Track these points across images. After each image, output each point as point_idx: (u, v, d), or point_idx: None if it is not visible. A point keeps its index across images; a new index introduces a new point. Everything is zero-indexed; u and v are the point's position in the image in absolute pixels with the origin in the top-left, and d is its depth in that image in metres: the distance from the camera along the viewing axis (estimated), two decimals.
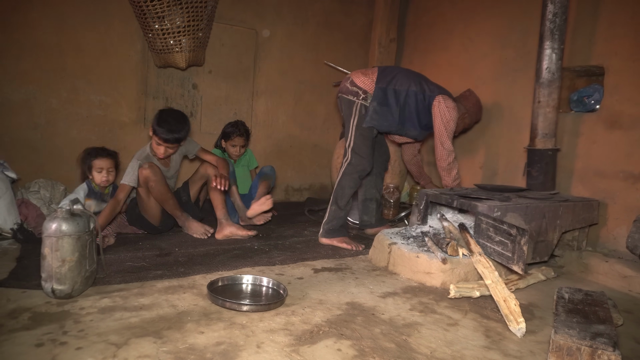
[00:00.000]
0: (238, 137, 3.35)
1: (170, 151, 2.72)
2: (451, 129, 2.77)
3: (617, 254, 2.58)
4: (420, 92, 2.77)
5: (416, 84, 2.78)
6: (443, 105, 2.73)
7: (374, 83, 2.76)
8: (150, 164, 2.62)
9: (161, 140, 2.63)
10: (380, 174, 3.17)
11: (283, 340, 1.48)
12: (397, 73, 2.83)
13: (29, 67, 3.28)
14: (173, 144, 2.68)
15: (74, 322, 1.52)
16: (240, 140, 3.36)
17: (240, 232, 2.78)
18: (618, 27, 2.70)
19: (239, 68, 4.13)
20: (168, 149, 2.69)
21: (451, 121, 2.75)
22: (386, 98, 2.75)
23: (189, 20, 3.27)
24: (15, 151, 3.24)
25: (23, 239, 2.45)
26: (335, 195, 2.80)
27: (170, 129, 2.61)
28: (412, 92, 2.76)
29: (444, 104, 2.74)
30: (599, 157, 2.76)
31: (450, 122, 2.75)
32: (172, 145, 2.68)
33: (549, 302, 2.02)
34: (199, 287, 1.93)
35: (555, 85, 2.72)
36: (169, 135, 2.61)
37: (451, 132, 2.77)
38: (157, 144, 2.66)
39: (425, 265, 2.19)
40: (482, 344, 1.58)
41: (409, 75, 2.84)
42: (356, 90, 2.77)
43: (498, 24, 3.55)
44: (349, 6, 4.57)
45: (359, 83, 2.78)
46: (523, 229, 1.92)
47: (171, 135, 2.62)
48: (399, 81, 2.78)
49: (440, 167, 2.84)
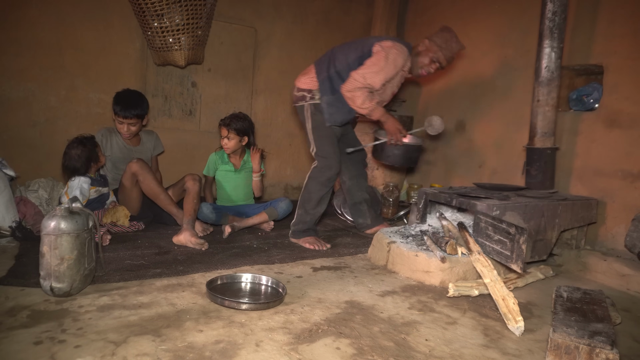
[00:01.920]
0: (222, 127, 3.08)
1: (132, 129, 2.93)
2: (384, 66, 2.53)
3: (616, 253, 2.58)
4: (360, 55, 2.59)
5: (354, 50, 2.62)
6: (379, 46, 2.55)
7: (315, 78, 2.67)
8: (139, 159, 2.71)
9: (121, 117, 2.84)
10: (362, 174, 3.08)
11: (282, 339, 1.48)
12: (332, 54, 2.69)
13: (28, 64, 3.27)
14: (132, 119, 2.88)
15: (72, 320, 1.52)
16: (223, 131, 3.06)
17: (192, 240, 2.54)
18: (617, 26, 2.70)
19: (238, 66, 4.12)
20: (130, 126, 2.91)
21: (387, 60, 2.53)
22: (332, 85, 2.63)
23: (188, 18, 3.27)
24: (14, 149, 3.23)
25: (21, 236, 2.45)
26: (302, 199, 2.76)
27: (127, 105, 2.84)
28: (353, 60, 2.59)
29: (379, 44, 2.56)
30: (598, 156, 2.77)
31: (385, 60, 2.53)
32: (132, 121, 2.89)
33: (547, 300, 2.02)
34: (198, 286, 1.93)
35: (554, 84, 2.72)
36: (126, 112, 2.84)
37: (382, 69, 2.53)
38: (120, 123, 2.88)
39: (424, 264, 2.19)
40: (480, 343, 1.58)
41: (344, 48, 2.69)
42: (302, 94, 2.70)
43: (497, 22, 3.55)
44: (348, 4, 4.57)
45: (302, 85, 2.71)
46: (522, 228, 1.93)
47: (128, 111, 2.84)
48: (337, 59, 2.64)
49: (342, 89, 2.59)
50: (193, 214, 2.65)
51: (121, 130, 2.93)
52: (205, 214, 2.96)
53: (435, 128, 2.88)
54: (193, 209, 2.66)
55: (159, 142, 3.27)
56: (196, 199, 2.71)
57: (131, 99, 2.89)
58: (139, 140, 3.11)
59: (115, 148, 3.00)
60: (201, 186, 2.86)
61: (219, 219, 2.99)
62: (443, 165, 4.09)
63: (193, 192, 2.72)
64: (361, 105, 2.58)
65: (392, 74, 2.60)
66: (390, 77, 2.62)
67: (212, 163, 3.21)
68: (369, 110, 2.60)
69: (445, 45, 2.63)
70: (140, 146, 3.11)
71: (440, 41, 2.63)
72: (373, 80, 2.53)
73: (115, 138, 3.01)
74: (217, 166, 3.19)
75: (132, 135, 2.99)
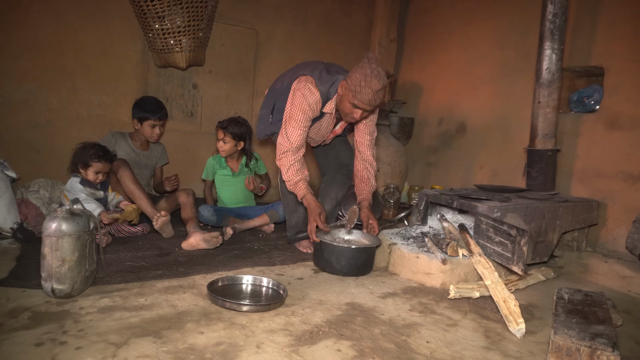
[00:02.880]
0: (219, 130, 3.05)
1: (162, 130, 3.08)
2: (294, 115, 2.28)
3: (617, 255, 2.58)
4: (287, 84, 2.42)
5: (294, 73, 2.44)
6: (293, 87, 2.34)
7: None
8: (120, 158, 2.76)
9: (156, 120, 2.94)
10: (337, 182, 2.75)
11: (283, 341, 1.48)
12: (289, 71, 2.55)
13: (29, 66, 3.28)
14: (162, 120, 3.03)
15: (73, 321, 1.52)
16: (220, 134, 3.02)
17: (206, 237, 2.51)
18: (618, 28, 2.70)
19: (239, 68, 4.12)
20: (161, 127, 3.04)
21: (294, 106, 2.29)
22: (265, 101, 2.62)
23: (189, 20, 3.27)
24: (15, 150, 3.24)
25: (23, 238, 2.45)
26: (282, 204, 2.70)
27: (157, 107, 2.98)
28: (287, 85, 2.43)
29: (297, 84, 2.32)
30: (599, 157, 2.76)
31: (292, 107, 2.29)
32: (162, 122, 3.03)
33: (548, 302, 2.02)
34: (199, 287, 1.93)
35: (555, 85, 2.72)
36: (159, 112, 2.96)
37: (295, 119, 2.29)
38: (152, 127, 2.96)
39: (425, 266, 2.19)
40: (481, 345, 1.58)
41: (298, 68, 2.47)
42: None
43: (498, 24, 3.56)
44: (349, 6, 4.57)
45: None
46: (523, 230, 1.93)
47: (161, 112, 2.98)
48: (282, 79, 2.52)
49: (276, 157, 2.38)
50: (195, 219, 2.68)
51: (153, 134, 3.04)
52: (206, 216, 2.96)
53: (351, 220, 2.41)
54: (193, 215, 2.70)
55: (164, 154, 3.34)
56: (193, 208, 2.74)
57: (156, 101, 3.06)
58: (148, 146, 3.18)
59: (123, 152, 2.99)
60: (195, 198, 2.86)
61: (220, 221, 3.00)
62: (444, 166, 4.09)
63: (189, 203, 2.75)
64: (285, 175, 2.33)
65: (303, 120, 2.29)
66: (307, 122, 2.31)
67: (210, 167, 3.22)
68: (290, 185, 2.33)
69: (360, 88, 2.12)
70: (148, 152, 3.17)
71: (353, 84, 2.14)
72: (294, 136, 2.28)
73: (123, 142, 3.04)
74: (215, 170, 3.19)
75: (159, 138, 3.12)
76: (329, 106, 2.38)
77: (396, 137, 4.19)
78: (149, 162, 3.14)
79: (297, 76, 2.37)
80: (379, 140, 3.86)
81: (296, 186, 2.33)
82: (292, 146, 2.29)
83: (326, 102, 2.37)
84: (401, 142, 4.27)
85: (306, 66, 2.44)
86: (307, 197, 2.31)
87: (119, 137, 3.05)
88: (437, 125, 4.18)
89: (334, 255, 2.21)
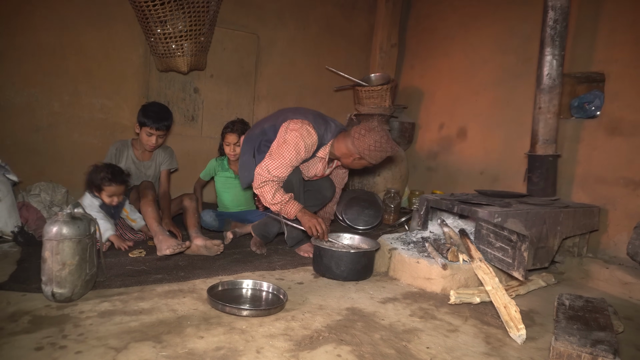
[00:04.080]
0: (230, 134, 3.01)
1: (160, 140, 2.90)
2: (285, 153, 2.27)
3: (618, 261, 2.57)
4: (272, 124, 2.43)
5: (274, 119, 2.46)
6: (285, 127, 2.34)
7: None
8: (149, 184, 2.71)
9: (153, 129, 2.81)
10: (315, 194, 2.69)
11: (283, 346, 1.48)
12: (269, 117, 2.57)
13: (31, 70, 3.29)
14: (162, 132, 2.87)
15: (73, 325, 1.52)
16: (233, 138, 3.00)
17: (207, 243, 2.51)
18: (618, 34, 2.71)
19: (240, 72, 4.14)
20: (158, 138, 2.87)
21: (287, 144, 2.27)
22: (243, 148, 2.56)
23: (191, 24, 3.29)
24: (17, 154, 3.24)
25: (24, 241, 2.45)
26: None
27: (159, 117, 2.82)
28: (267, 128, 2.44)
29: (292, 125, 2.32)
30: (600, 163, 2.76)
31: (285, 145, 2.27)
32: (161, 133, 2.86)
33: (549, 308, 2.01)
34: (199, 292, 1.92)
35: (556, 91, 2.73)
36: (159, 123, 2.81)
37: (284, 157, 2.27)
38: (149, 135, 2.84)
39: (425, 271, 2.18)
40: (482, 351, 1.57)
41: (283, 113, 2.49)
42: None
43: (499, 30, 3.57)
44: (350, 11, 4.59)
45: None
46: (523, 235, 1.92)
47: (161, 122, 2.82)
48: (260, 125, 2.53)
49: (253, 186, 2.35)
50: (197, 225, 2.68)
51: (148, 142, 2.86)
52: (208, 222, 2.96)
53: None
54: (196, 220, 2.70)
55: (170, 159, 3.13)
56: (196, 214, 2.74)
57: (162, 110, 2.90)
58: (150, 155, 3.04)
59: (128, 162, 2.94)
60: (198, 204, 2.88)
61: (221, 226, 3.00)
62: (444, 171, 4.09)
63: (192, 208, 2.74)
64: (272, 201, 2.29)
65: (294, 159, 2.29)
66: (296, 162, 2.32)
67: (211, 168, 3.22)
68: (280, 205, 2.29)
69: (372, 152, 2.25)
70: (149, 161, 3.04)
71: (364, 147, 2.25)
72: (278, 171, 2.27)
73: (128, 152, 2.95)
74: (217, 172, 3.20)
75: (156, 148, 2.97)
76: (322, 152, 2.42)
77: (397, 142, 4.19)
78: (150, 171, 3.03)
79: (288, 119, 2.37)
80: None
81: (288, 204, 2.30)
82: (273, 179, 2.28)
83: (320, 147, 2.39)
84: (402, 146, 4.28)
85: (295, 111, 2.47)
86: (304, 210, 2.32)
87: (121, 148, 2.94)
88: (437, 130, 4.19)
89: (333, 260, 2.21)
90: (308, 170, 2.54)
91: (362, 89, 4.00)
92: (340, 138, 2.39)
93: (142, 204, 2.60)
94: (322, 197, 2.67)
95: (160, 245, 2.36)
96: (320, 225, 2.29)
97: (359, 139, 2.26)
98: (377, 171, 3.91)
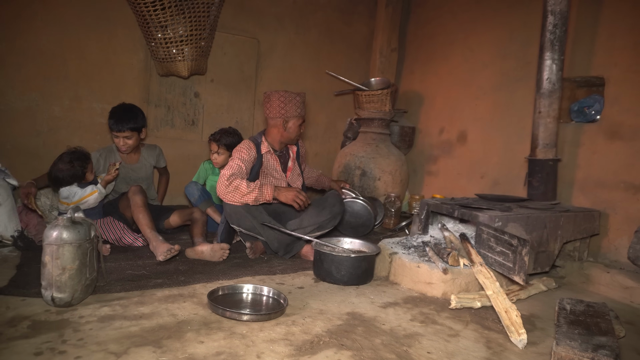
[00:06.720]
0: (212, 142, 3.12)
1: (129, 142, 2.84)
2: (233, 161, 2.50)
3: (619, 265, 2.57)
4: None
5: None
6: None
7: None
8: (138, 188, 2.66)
9: (115, 131, 2.79)
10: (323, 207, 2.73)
11: (283, 351, 1.48)
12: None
13: (32, 74, 3.30)
14: (126, 132, 2.79)
15: (73, 330, 1.51)
16: (213, 146, 3.09)
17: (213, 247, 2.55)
18: (618, 39, 2.71)
19: (240, 77, 4.15)
20: (126, 139, 2.82)
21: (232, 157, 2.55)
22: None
23: (192, 29, 3.30)
24: (17, 158, 3.25)
25: (23, 246, 2.45)
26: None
27: (120, 119, 2.76)
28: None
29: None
30: (600, 167, 2.77)
31: (233, 154, 2.56)
32: (126, 134, 2.80)
33: (550, 313, 2.01)
34: (199, 296, 1.92)
35: (555, 95, 2.73)
36: (120, 125, 2.76)
37: (233, 161, 2.50)
38: (116, 137, 2.83)
39: (426, 276, 2.18)
40: (483, 356, 1.57)
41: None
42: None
43: (498, 34, 3.58)
44: (350, 16, 4.61)
45: None
46: (524, 240, 1.92)
47: (122, 125, 2.76)
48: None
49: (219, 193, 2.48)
50: (203, 235, 2.69)
51: (118, 144, 2.83)
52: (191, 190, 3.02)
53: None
54: (203, 231, 2.71)
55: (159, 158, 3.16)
56: (205, 227, 2.76)
57: (125, 112, 2.80)
58: (138, 157, 3.01)
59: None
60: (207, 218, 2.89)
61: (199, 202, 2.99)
62: (445, 176, 4.09)
63: (202, 221, 2.75)
64: (247, 189, 2.38)
65: (241, 159, 2.50)
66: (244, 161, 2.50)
67: (202, 171, 3.24)
68: (256, 189, 2.40)
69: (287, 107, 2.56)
70: (138, 163, 3.00)
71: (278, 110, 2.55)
72: (234, 169, 2.44)
73: (114, 157, 2.92)
74: (207, 175, 3.22)
75: (129, 149, 2.88)
76: (264, 147, 2.64)
77: (397, 146, 4.19)
78: (141, 173, 3.00)
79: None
80: (380, 149, 3.87)
81: (263, 187, 2.42)
82: (234, 173, 2.43)
83: (259, 146, 2.63)
84: (402, 151, 4.28)
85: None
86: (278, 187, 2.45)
87: (106, 155, 2.91)
88: (438, 134, 4.19)
89: (334, 264, 2.21)
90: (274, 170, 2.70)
91: (362, 94, 4.00)
92: (266, 128, 2.69)
93: (133, 212, 2.56)
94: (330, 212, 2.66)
95: (155, 252, 2.39)
96: (300, 194, 2.42)
97: (269, 109, 2.59)
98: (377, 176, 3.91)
